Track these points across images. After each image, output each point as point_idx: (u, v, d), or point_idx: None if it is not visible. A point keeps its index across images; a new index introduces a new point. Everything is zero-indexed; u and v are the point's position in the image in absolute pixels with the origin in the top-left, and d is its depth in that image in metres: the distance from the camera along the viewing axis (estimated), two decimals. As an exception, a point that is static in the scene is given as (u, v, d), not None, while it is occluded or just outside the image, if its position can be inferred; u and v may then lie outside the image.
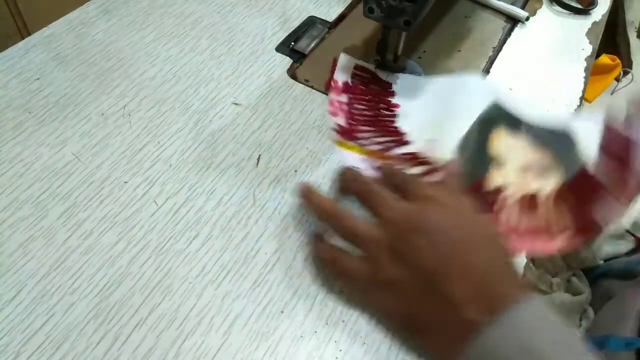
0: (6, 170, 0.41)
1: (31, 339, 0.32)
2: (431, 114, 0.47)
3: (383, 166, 0.40)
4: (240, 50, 0.54)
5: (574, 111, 0.51)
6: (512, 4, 0.62)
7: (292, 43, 0.55)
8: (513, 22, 0.61)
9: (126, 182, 0.41)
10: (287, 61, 0.53)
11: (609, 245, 0.63)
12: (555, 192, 0.42)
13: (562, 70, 0.55)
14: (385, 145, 0.44)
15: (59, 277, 0.35)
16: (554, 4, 0.65)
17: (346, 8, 0.61)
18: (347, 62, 0.51)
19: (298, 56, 0.54)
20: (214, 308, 0.35)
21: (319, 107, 0.49)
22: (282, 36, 0.56)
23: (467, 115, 0.47)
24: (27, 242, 0.37)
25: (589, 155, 0.44)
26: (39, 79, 0.48)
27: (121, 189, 0.41)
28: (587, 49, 0.58)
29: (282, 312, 0.35)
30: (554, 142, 0.45)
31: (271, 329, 0.34)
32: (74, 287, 0.35)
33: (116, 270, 0.36)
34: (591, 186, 0.42)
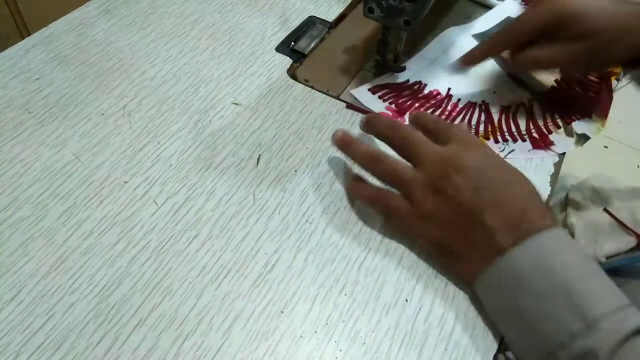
0: (6, 170, 0.41)
1: (31, 339, 0.32)
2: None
3: (414, 113, 0.42)
4: (240, 50, 0.54)
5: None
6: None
7: (292, 43, 0.55)
8: (513, 22, 0.61)
9: (126, 182, 0.41)
10: (287, 61, 0.53)
11: (610, 243, 0.62)
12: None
13: (562, 70, 0.55)
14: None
15: (59, 277, 0.35)
16: (554, 3, 0.65)
17: (346, 8, 0.61)
18: (364, 94, 0.50)
19: (298, 56, 0.54)
20: (214, 308, 0.35)
21: (319, 107, 0.49)
22: (282, 36, 0.56)
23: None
24: (27, 242, 0.37)
25: None
26: (39, 79, 0.48)
27: (121, 189, 0.41)
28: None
29: (282, 312, 0.35)
30: None
31: (271, 329, 0.34)
32: (74, 287, 0.35)
33: (116, 270, 0.36)
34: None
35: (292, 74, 0.52)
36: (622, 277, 0.58)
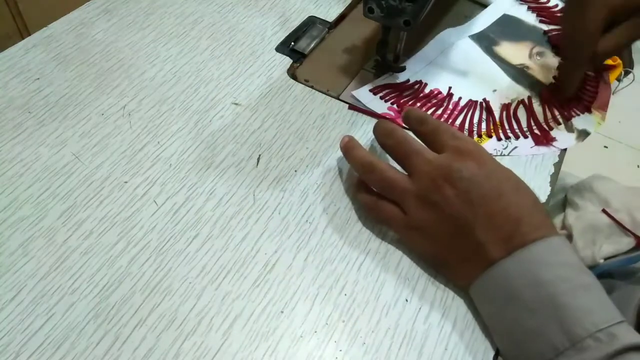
0: (6, 170, 0.41)
1: (31, 339, 0.32)
2: (453, 67, 0.54)
3: (411, 111, 0.42)
4: (240, 50, 0.54)
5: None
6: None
7: (292, 43, 0.55)
8: (513, 22, 0.61)
9: (126, 182, 0.41)
10: (287, 61, 0.53)
11: (608, 244, 0.62)
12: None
13: (562, 70, 0.55)
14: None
15: (59, 277, 0.35)
16: (554, 3, 0.65)
17: (346, 8, 0.61)
18: (366, 95, 0.50)
19: (298, 56, 0.54)
20: (214, 308, 0.35)
21: (319, 107, 0.49)
22: (282, 36, 0.56)
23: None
24: (27, 242, 0.37)
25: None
26: (39, 79, 0.48)
27: (121, 189, 0.41)
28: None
29: (282, 312, 0.35)
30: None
31: (271, 329, 0.34)
32: (74, 287, 0.35)
33: (116, 270, 0.36)
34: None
35: (292, 74, 0.52)
36: (620, 278, 0.58)
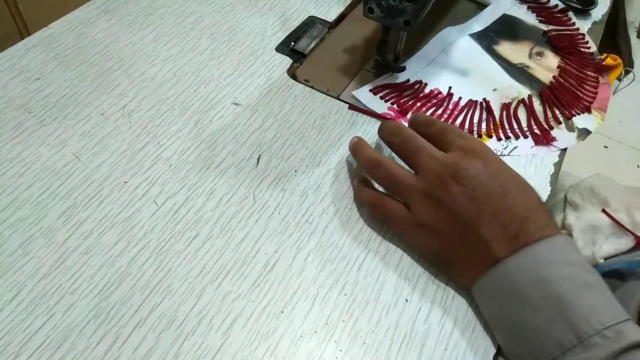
0: (6, 170, 0.41)
1: (31, 339, 0.32)
2: (455, 68, 0.54)
3: (417, 115, 0.42)
4: (240, 50, 0.54)
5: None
6: (512, 4, 0.62)
7: (292, 43, 0.55)
8: (513, 21, 0.61)
9: (126, 182, 0.41)
10: (287, 61, 0.53)
11: (608, 244, 0.62)
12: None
13: (562, 70, 0.55)
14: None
15: (59, 277, 0.35)
16: (554, 3, 0.65)
17: (346, 8, 0.61)
18: (366, 95, 0.50)
19: (298, 56, 0.54)
20: (214, 308, 0.35)
21: (319, 107, 0.49)
22: (282, 36, 0.56)
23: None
24: (27, 242, 0.37)
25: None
26: (39, 79, 0.48)
27: (121, 189, 0.41)
28: (588, 48, 0.58)
29: (282, 312, 0.35)
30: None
31: (271, 329, 0.34)
32: (74, 287, 0.35)
33: (116, 270, 0.36)
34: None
35: (292, 74, 0.52)
36: (620, 278, 0.58)
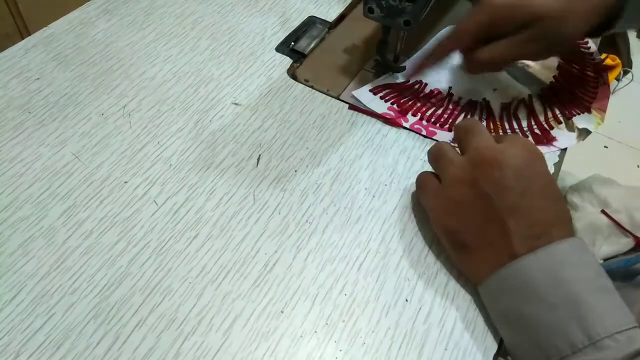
0: (6, 170, 0.41)
1: (31, 339, 0.32)
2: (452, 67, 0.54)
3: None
4: (240, 50, 0.54)
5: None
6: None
7: (292, 43, 0.55)
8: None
9: (126, 182, 0.41)
10: (287, 61, 0.53)
11: (608, 245, 0.62)
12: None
13: (562, 70, 0.55)
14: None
15: (59, 277, 0.35)
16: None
17: (346, 8, 0.61)
18: (366, 95, 0.50)
19: (298, 56, 0.54)
20: (214, 308, 0.35)
21: (319, 107, 0.49)
22: (282, 36, 0.56)
23: None
24: (27, 242, 0.37)
25: None
26: (39, 79, 0.48)
27: (121, 189, 0.41)
28: (587, 48, 0.58)
29: (282, 312, 0.35)
30: None
31: (271, 329, 0.34)
32: (74, 287, 0.35)
33: (116, 270, 0.36)
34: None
35: (292, 74, 0.52)
36: (619, 279, 0.58)
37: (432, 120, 0.48)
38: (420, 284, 0.37)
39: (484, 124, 0.49)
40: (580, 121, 0.50)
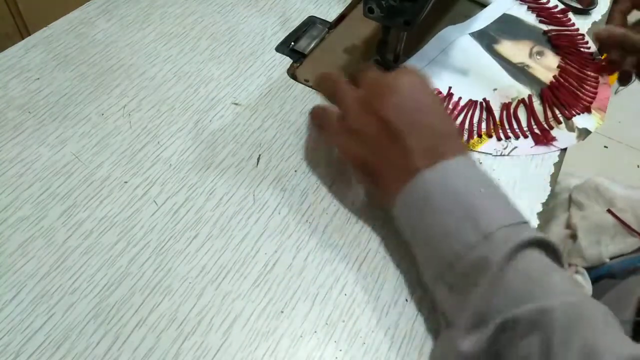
0: (6, 170, 0.41)
1: (31, 339, 0.32)
2: (455, 68, 0.55)
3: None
4: (240, 50, 0.54)
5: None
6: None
7: (292, 43, 0.55)
8: (513, 21, 0.61)
9: (126, 182, 0.41)
10: (287, 61, 0.53)
11: (614, 244, 0.62)
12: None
13: (562, 70, 0.55)
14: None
15: (59, 277, 0.35)
16: (554, 3, 0.65)
17: (346, 8, 0.61)
18: None
19: (298, 56, 0.54)
20: (214, 308, 0.35)
21: (319, 107, 0.48)
22: (282, 36, 0.56)
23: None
24: (27, 242, 0.37)
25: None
26: (39, 79, 0.48)
27: (121, 189, 0.41)
28: (588, 48, 0.58)
29: (282, 312, 0.35)
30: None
31: (271, 329, 0.34)
32: (74, 287, 0.35)
33: (116, 270, 0.36)
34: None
35: (292, 74, 0.52)
36: (621, 276, 0.58)
37: None
38: (421, 284, 0.37)
39: (484, 124, 0.49)
40: (580, 121, 0.50)
